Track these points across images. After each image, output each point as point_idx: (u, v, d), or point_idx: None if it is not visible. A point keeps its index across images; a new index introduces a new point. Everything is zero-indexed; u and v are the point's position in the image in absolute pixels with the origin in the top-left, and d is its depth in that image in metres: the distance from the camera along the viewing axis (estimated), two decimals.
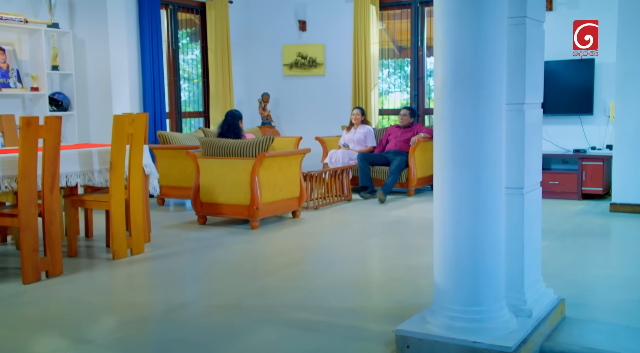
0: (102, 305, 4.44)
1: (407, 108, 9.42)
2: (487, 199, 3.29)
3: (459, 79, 3.25)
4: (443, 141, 3.34)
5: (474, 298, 3.34)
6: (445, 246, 3.39)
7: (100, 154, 5.74)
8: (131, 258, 5.66)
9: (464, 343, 3.25)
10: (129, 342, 3.69)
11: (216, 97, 10.39)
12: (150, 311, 4.24)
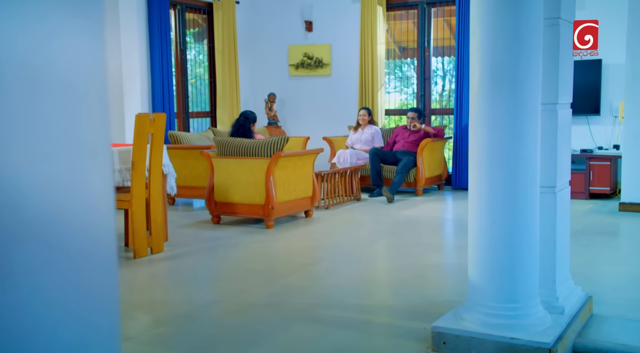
0: (132, 303, 4.48)
1: (414, 110, 9.46)
2: (523, 198, 3.35)
3: (496, 80, 3.31)
4: (480, 141, 3.39)
5: (510, 295, 3.40)
6: (482, 244, 3.44)
7: (120, 153, 5.78)
8: (151, 257, 5.70)
9: (501, 339, 3.31)
10: (167, 339, 3.74)
11: (223, 97, 10.44)
12: (181, 309, 4.28)
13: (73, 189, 1.09)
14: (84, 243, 1.14)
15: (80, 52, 1.08)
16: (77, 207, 1.09)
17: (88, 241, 1.15)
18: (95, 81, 1.11)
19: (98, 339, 1.20)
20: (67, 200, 1.08)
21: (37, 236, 1.04)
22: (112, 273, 1.21)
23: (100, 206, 1.15)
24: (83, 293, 1.17)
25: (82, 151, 1.11)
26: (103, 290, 1.19)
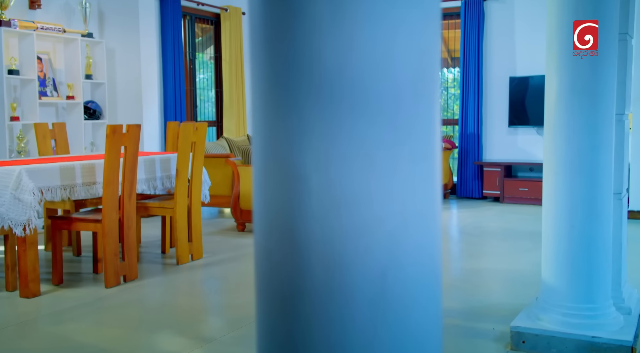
0: (196, 307, 4.58)
1: None
2: (600, 204, 3.54)
3: (576, 90, 3.49)
4: (558, 150, 3.57)
5: (588, 295, 3.57)
6: (559, 248, 3.61)
7: (162, 161, 5.87)
8: (192, 263, 5.79)
9: (582, 338, 3.49)
10: (249, 339, 3.85)
11: (230, 107, 10.54)
12: (248, 311, 4.37)
13: (400, 201, 1.18)
14: (417, 267, 1.22)
15: (418, 57, 1.20)
16: (404, 220, 1.19)
17: (419, 266, 1.23)
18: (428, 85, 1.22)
19: None
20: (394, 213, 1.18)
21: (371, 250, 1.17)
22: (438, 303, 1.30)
23: (429, 224, 1.24)
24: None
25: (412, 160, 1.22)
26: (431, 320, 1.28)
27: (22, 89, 7.36)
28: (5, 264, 4.87)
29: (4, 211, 4.58)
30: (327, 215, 1.14)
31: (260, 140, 1.21)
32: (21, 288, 4.72)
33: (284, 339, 1.19)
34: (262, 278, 1.25)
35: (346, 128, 1.11)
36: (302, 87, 1.13)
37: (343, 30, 1.10)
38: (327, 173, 1.13)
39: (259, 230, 1.25)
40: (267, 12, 1.17)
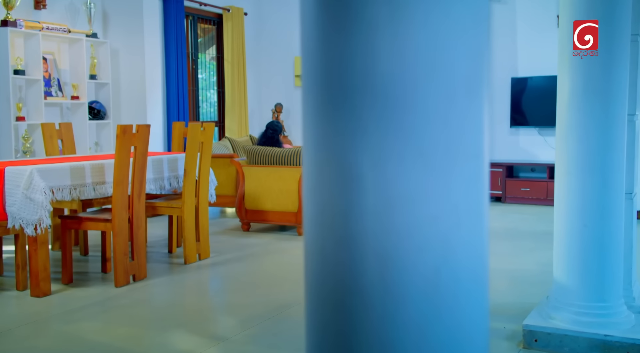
0: (207, 306, 4.61)
1: None
2: (612, 203, 3.57)
3: (588, 91, 3.52)
4: (570, 149, 3.60)
5: (600, 294, 3.61)
6: (571, 247, 3.64)
7: (169, 161, 5.89)
8: (200, 262, 5.81)
9: (595, 336, 3.52)
10: (261, 338, 3.87)
11: (232, 107, 10.56)
12: (259, 311, 4.40)
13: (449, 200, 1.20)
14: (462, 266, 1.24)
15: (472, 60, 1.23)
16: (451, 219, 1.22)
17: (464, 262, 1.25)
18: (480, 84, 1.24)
19: None
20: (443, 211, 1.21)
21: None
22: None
23: (479, 223, 1.26)
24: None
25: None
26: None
27: (27, 89, 7.37)
28: (16, 263, 4.88)
29: (16, 211, 4.60)
30: (382, 213, 1.16)
31: (314, 140, 1.23)
32: (32, 288, 4.73)
33: (338, 335, 1.22)
34: (315, 274, 1.27)
35: (401, 127, 1.14)
36: (358, 87, 1.15)
37: (400, 32, 1.13)
38: (382, 172, 1.15)
39: (311, 227, 1.27)
40: (322, 14, 1.19)
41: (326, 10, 1.19)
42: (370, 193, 1.16)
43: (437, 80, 1.15)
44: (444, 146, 1.16)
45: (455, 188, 1.18)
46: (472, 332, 1.24)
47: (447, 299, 1.19)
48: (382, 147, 1.15)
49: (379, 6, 1.12)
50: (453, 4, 1.14)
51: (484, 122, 1.22)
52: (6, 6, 6.96)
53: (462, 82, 1.16)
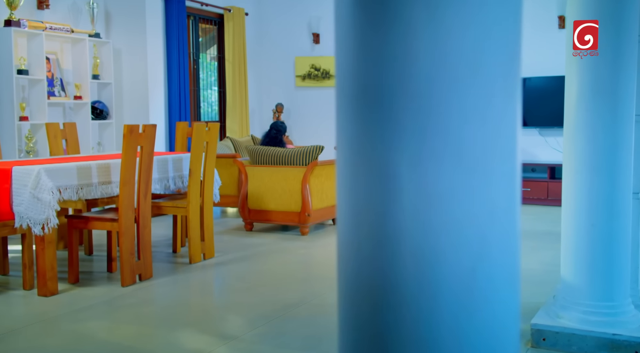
0: (214, 305, 4.62)
1: None
2: (620, 203, 3.59)
3: (597, 91, 3.55)
4: (578, 149, 3.62)
5: (608, 294, 3.63)
6: (579, 246, 3.67)
7: (174, 161, 5.90)
8: (204, 262, 5.82)
9: (603, 335, 3.54)
10: (270, 337, 3.89)
11: (233, 107, 10.57)
12: (266, 310, 4.41)
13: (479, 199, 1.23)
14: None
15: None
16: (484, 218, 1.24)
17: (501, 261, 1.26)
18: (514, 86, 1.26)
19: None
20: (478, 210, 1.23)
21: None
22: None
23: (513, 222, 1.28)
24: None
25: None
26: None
27: (30, 89, 7.38)
28: (23, 263, 4.89)
29: (23, 210, 4.61)
30: (418, 212, 1.18)
31: (350, 140, 1.25)
32: (39, 287, 4.74)
33: (373, 333, 1.24)
34: (349, 271, 1.29)
35: (439, 127, 1.16)
36: (396, 88, 1.17)
37: (438, 33, 1.15)
38: (419, 171, 1.17)
39: (345, 225, 1.29)
40: (358, 15, 1.21)
41: (363, 12, 1.21)
42: (407, 192, 1.18)
43: (475, 81, 1.16)
44: (481, 146, 1.18)
45: (492, 187, 1.20)
46: (505, 331, 1.26)
47: (482, 298, 1.21)
48: (419, 147, 1.17)
49: (418, 8, 1.14)
50: (491, 5, 1.16)
51: (517, 122, 1.24)
52: (9, 6, 6.96)
53: (498, 83, 1.18)
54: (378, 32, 1.20)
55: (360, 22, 1.22)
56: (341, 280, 1.34)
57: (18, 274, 5.25)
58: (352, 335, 1.29)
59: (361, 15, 1.22)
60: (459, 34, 1.16)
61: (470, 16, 1.15)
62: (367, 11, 1.20)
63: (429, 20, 1.15)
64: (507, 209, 1.22)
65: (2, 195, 4.72)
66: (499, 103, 1.19)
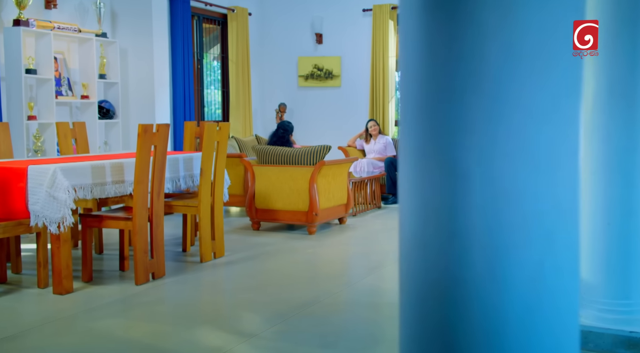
0: (229, 304, 4.66)
1: None
2: (635, 202, 3.64)
3: (614, 93, 3.59)
4: (594, 149, 3.67)
5: (624, 292, 3.68)
6: (595, 244, 3.71)
7: (185, 160, 5.93)
8: (215, 261, 5.85)
9: (620, 333, 3.58)
10: (289, 335, 3.92)
11: (236, 107, 10.60)
12: (281, 308, 4.44)
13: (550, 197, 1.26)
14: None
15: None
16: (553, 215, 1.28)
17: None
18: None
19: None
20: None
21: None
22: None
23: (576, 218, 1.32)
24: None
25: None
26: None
27: (38, 88, 7.40)
28: (37, 261, 4.92)
29: (39, 209, 4.64)
30: (488, 208, 1.22)
31: (418, 138, 1.29)
32: (54, 285, 4.77)
33: (440, 324, 1.27)
34: (415, 265, 1.33)
35: (509, 126, 1.20)
36: (467, 88, 1.21)
37: (509, 35, 1.19)
38: (489, 169, 1.21)
39: (411, 221, 1.32)
40: (428, 19, 1.25)
41: (432, 16, 1.24)
42: (477, 189, 1.22)
43: (544, 82, 1.20)
44: (548, 146, 1.21)
45: (557, 185, 1.23)
46: (568, 324, 1.30)
47: (548, 292, 1.25)
48: (489, 145, 1.20)
49: (489, 12, 1.18)
50: (557, 7, 1.20)
51: (580, 123, 1.28)
52: (19, 5, 6.98)
53: (565, 84, 1.22)
54: (448, 34, 1.23)
55: (430, 25, 1.25)
56: (404, 274, 1.37)
57: (30, 272, 5.28)
58: (417, 328, 1.32)
59: (430, 18, 1.25)
60: (528, 37, 1.19)
61: (539, 19, 1.19)
62: (437, 14, 1.24)
63: (500, 23, 1.19)
64: (571, 206, 1.26)
65: (18, 194, 4.75)
66: (564, 104, 1.23)
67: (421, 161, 1.29)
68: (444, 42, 1.24)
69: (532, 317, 1.24)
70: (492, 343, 1.23)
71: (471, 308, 1.24)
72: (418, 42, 1.28)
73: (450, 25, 1.22)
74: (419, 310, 1.32)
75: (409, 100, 1.31)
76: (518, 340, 1.23)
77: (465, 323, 1.25)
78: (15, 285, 5.04)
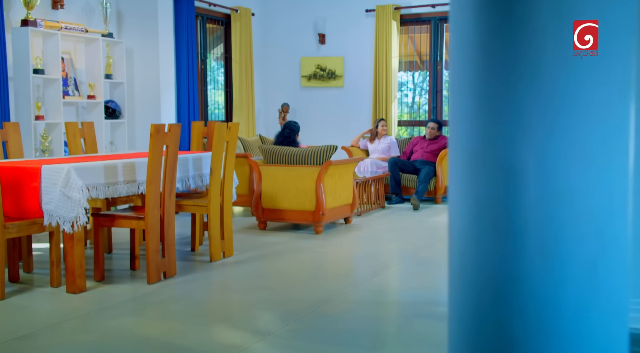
0: (242, 302, 4.68)
1: (435, 121, 9.84)
2: None
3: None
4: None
5: (637, 290, 3.71)
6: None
7: (194, 160, 5.96)
8: (224, 260, 5.89)
9: (635, 331, 3.62)
10: (305, 333, 3.96)
11: (240, 107, 10.63)
12: (294, 307, 4.47)
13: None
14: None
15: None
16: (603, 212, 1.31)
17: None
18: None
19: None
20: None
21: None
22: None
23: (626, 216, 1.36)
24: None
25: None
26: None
27: (45, 88, 7.42)
28: (50, 260, 4.95)
29: (53, 209, 4.67)
30: (543, 206, 1.26)
31: (472, 137, 1.32)
32: (68, 284, 4.80)
33: (495, 317, 1.31)
34: (468, 260, 1.36)
35: (565, 125, 1.23)
36: (523, 89, 1.25)
37: (565, 37, 1.22)
38: (544, 167, 1.25)
39: (462, 216, 1.36)
40: (484, 22, 1.28)
41: (488, 18, 1.28)
42: (531, 187, 1.25)
43: (599, 82, 1.24)
44: (602, 146, 1.25)
45: (611, 184, 1.27)
46: (619, 320, 1.33)
47: (601, 288, 1.29)
48: (545, 144, 1.24)
49: (546, 13, 1.21)
50: (615, 6, 1.24)
51: (631, 121, 1.31)
52: (27, 6, 7.00)
53: (618, 84, 1.26)
54: (504, 36, 1.27)
55: (485, 27, 1.28)
56: (456, 269, 1.41)
57: (40, 272, 5.31)
58: (471, 321, 1.35)
59: (486, 20, 1.28)
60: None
61: (599, 18, 1.22)
62: (493, 16, 1.27)
63: (557, 25, 1.22)
64: (623, 204, 1.29)
65: (31, 194, 4.77)
66: (617, 103, 1.27)
67: (476, 160, 1.32)
68: (499, 44, 1.27)
69: (586, 312, 1.27)
70: (547, 336, 1.26)
71: (527, 303, 1.28)
72: (472, 44, 1.31)
73: (507, 27, 1.26)
74: (473, 304, 1.35)
75: (462, 101, 1.35)
76: (573, 333, 1.26)
77: (522, 317, 1.28)
78: (28, 284, 5.06)
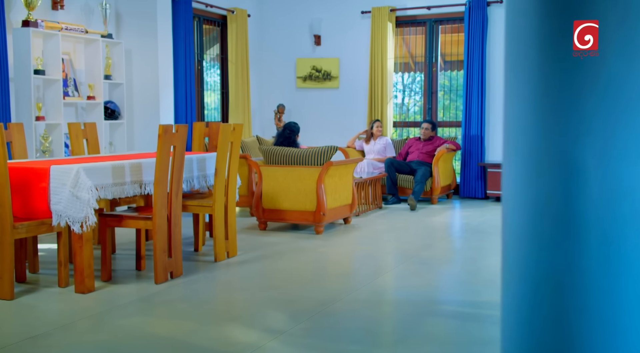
0: (251, 301, 4.71)
1: (429, 122, 9.91)
2: None
3: None
4: None
5: None
6: None
7: (198, 161, 5.99)
8: (229, 260, 5.92)
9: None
10: (317, 331, 3.99)
11: (236, 108, 10.65)
12: (304, 306, 4.51)
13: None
14: None
15: None
16: None
17: None
18: None
19: None
20: None
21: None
22: None
23: None
24: None
25: None
26: None
27: (45, 89, 7.42)
28: (58, 260, 4.96)
29: (62, 209, 4.68)
30: (605, 203, 1.30)
31: (532, 138, 1.36)
32: (76, 284, 4.81)
33: (554, 310, 1.35)
34: (526, 255, 1.40)
35: (628, 125, 1.27)
36: (585, 90, 1.29)
37: (629, 36, 1.27)
38: (606, 166, 1.29)
39: (521, 214, 1.40)
40: (544, 23, 1.33)
41: (548, 20, 1.32)
42: (593, 185, 1.30)
43: None
44: None
45: None
46: None
47: None
48: (608, 144, 1.28)
49: (607, 13, 1.26)
50: None
51: None
52: (28, 6, 7.00)
53: None
54: (565, 36, 1.31)
55: (545, 29, 1.32)
56: (511, 264, 1.45)
57: (47, 272, 5.32)
58: (528, 314, 1.39)
59: (546, 22, 1.33)
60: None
61: None
62: (553, 17, 1.31)
63: (620, 24, 1.26)
64: None
65: (39, 194, 4.78)
66: None
67: (536, 159, 1.36)
68: (560, 44, 1.31)
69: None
70: (607, 331, 1.30)
71: (587, 297, 1.31)
72: (531, 45, 1.35)
73: (567, 27, 1.29)
74: (531, 298, 1.39)
75: (520, 101, 1.38)
76: (633, 329, 1.30)
77: (581, 311, 1.32)
78: (35, 284, 5.07)
